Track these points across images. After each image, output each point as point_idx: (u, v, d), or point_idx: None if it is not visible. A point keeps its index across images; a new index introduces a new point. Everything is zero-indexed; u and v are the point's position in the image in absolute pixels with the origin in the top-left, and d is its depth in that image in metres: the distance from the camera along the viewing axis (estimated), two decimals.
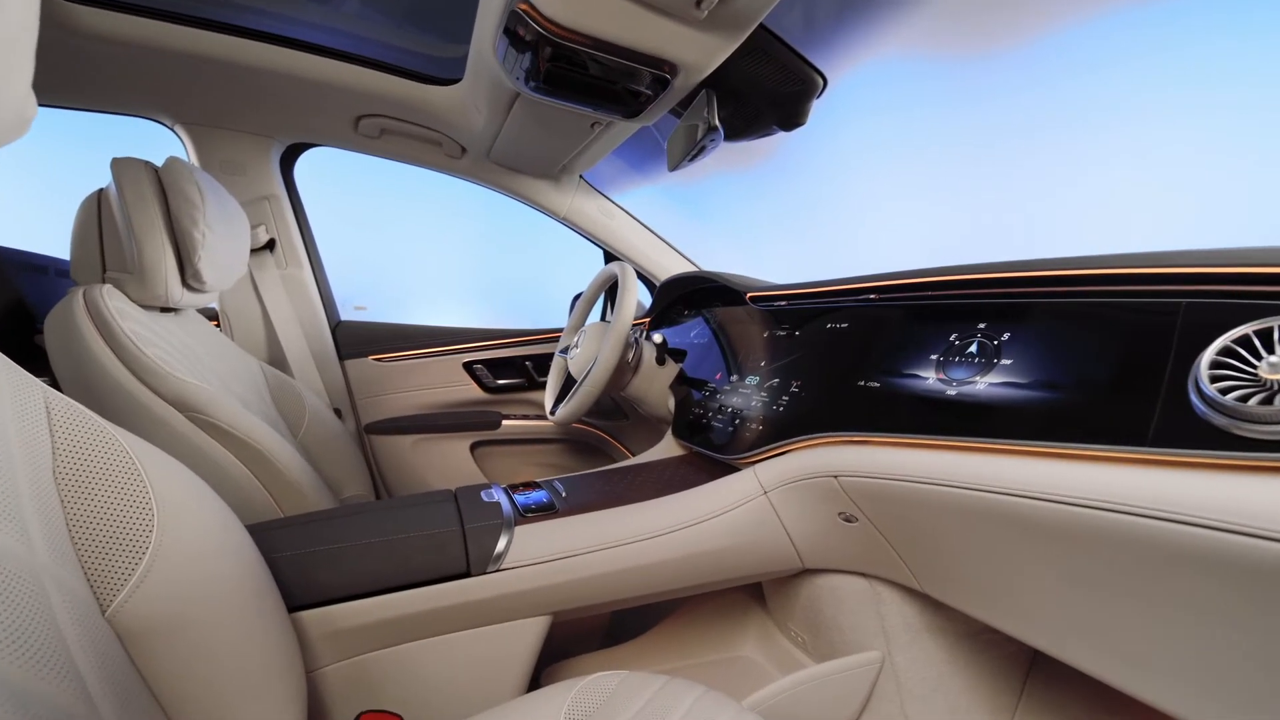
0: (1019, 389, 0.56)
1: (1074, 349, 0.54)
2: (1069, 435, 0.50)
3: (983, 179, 1.31)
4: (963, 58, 1.21)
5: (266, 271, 1.41)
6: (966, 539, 0.61)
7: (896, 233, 1.52)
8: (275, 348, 1.43)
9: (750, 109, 0.87)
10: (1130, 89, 0.99)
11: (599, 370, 1.11)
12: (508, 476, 1.68)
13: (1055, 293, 0.59)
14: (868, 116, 1.46)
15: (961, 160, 1.34)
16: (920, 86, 1.31)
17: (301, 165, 1.51)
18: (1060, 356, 0.55)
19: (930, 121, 1.36)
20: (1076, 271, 0.57)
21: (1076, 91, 1.07)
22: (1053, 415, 0.52)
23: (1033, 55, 1.11)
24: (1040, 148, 1.17)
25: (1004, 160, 1.26)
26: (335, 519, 0.74)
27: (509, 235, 2.29)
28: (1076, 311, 0.56)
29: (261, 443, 0.90)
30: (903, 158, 1.48)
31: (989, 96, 1.21)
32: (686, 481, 0.92)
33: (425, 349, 1.60)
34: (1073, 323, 0.55)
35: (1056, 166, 1.16)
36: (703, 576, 0.83)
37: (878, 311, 0.80)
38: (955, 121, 1.31)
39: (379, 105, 1.26)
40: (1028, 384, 0.56)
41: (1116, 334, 0.51)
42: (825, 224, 1.77)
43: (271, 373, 1.24)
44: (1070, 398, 0.52)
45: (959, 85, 1.25)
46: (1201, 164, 0.94)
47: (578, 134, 1.15)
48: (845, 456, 0.73)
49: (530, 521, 0.79)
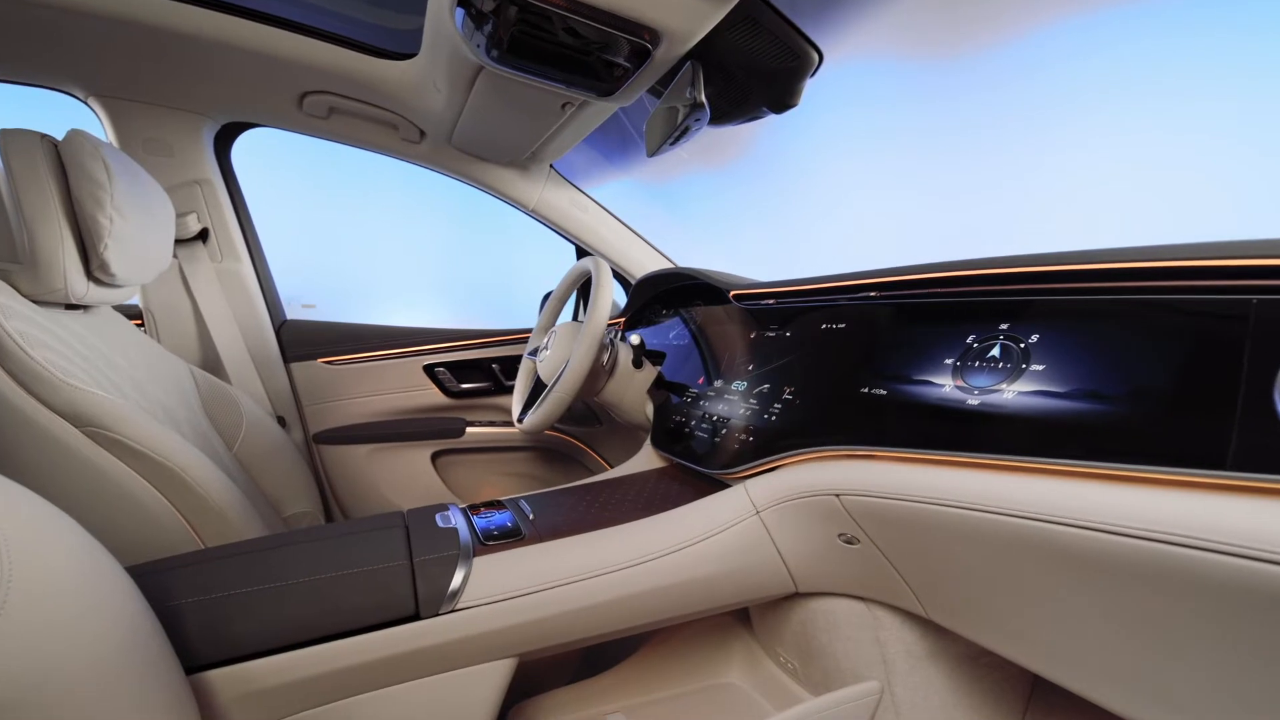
0: (1056, 399, 0.49)
1: (1122, 353, 0.47)
2: (1125, 455, 0.43)
3: (963, 175, 1.27)
4: (941, 54, 1.17)
5: (198, 265, 1.27)
6: (993, 569, 0.55)
7: (876, 231, 1.47)
8: (209, 350, 1.29)
9: (738, 88, 0.79)
10: (1114, 83, 0.96)
11: (571, 374, 1.03)
12: (473, 488, 1.57)
13: (1093, 289, 0.52)
14: (847, 108, 1.40)
15: (941, 155, 1.30)
16: (899, 81, 1.27)
17: (241, 148, 1.37)
18: (1105, 362, 0.48)
19: (909, 116, 1.32)
20: (1118, 265, 0.50)
21: (1053, 87, 1.03)
22: (1102, 431, 0.45)
23: (1020, 49, 1.07)
24: (1021, 143, 1.14)
25: (985, 156, 1.22)
26: (254, 554, 0.63)
27: (476, 229, 2.16)
28: (1121, 311, 0.49)
29: (177, 462, 0.77)
30: (883, 154, 1.43)
31: (965, 92, 1.17)
32: (669, 499, 0.83)
33: (381, 350, 1.47)
34: (1118, 323, 0.48)
35: (1037, 162, 1.12)
36: (689, 606, 0.75)
37: (879, 310, 0.73)
38: (934, 117, 1.27)
39: (325, 81, 1.14)
40: (1066, 393, 0.49)
41: (1175, 336, 0.44)
42: (802, 222, 1.72)
43: (203, 378, 1.11)
44: (1122, 411, 0.45)
45: (937, 80, 1.21)
46: (1174, 158, 0.92)
47: (547, 115, 1.05)
48: (848, 472, 0.65)
49: (492, 550, 0.69)
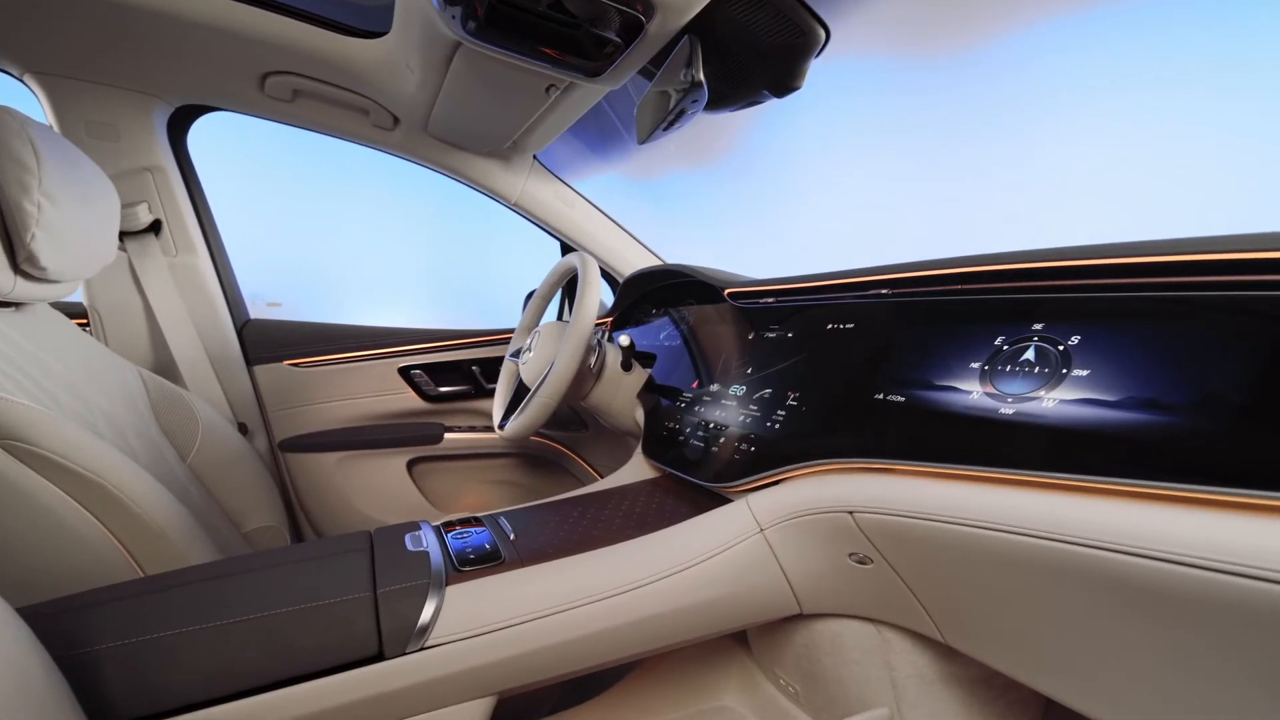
0: (1106, 409, 0.44)
1: (1186, 358, 0.41)
2: (1192, 474, 0.38)
3: (955, 172, 1.23)
4: (934, 48, 1.13)
5: (150, 259, 1.17)
6: (1032, 598, 0.49)
7: (874, 230, 1.42)
8: (162, 351, 1.19)
9: (738, 68, 0.73)
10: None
11: (555, 377, 0.96)
12: (451, 497, 1.49)
13: (1142, 285, 0.46)
14: (844, 101, 1.35)
15: (937, 151, 1.25)
16: (891, 75, 1.22)
17: (201, 133, 1.27)
18: (1165, 368, 0.42)
19: (903, 110, 1.28)
20: (1170, 259, 0.44)
21: (1049, 82, 1.00)
22: (1164, 446, 0.40)
23: (1016, 44, 1.03)
24: (1018, 138, 1.10)
25: (980, 151, 1.18)
26: (190, 587, 0.55)
27: (458, 224, 2.07)
28: (1180, 310, 0.43)
29: (111, 478, 0.68)
30: (880, 148, 1.38)
31: (959, 87, 1.13)
32: (663, 514, 0.76)
33: (353, 352, 1.38)
34: (1176, 324, 0.43)
35: (1031, 156, 1.08)
36: (684, 634, 0.68)
37: (892, 309, 0.68)
38: (924, 112, 1.22)
39: (289, 60, 1.05)
40: (1117, 402, 0.43)
41: (1252, 338, 0.39)
42: (797, 220, 1.67)
43: (155, 382, 1.02)
44: (1188, 423, 0.39)
45: (928, 77, 1.16)
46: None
47: (530, 100, 0.98)
48: (863, 488, 0.60)
49: (467, 577, 0.61)
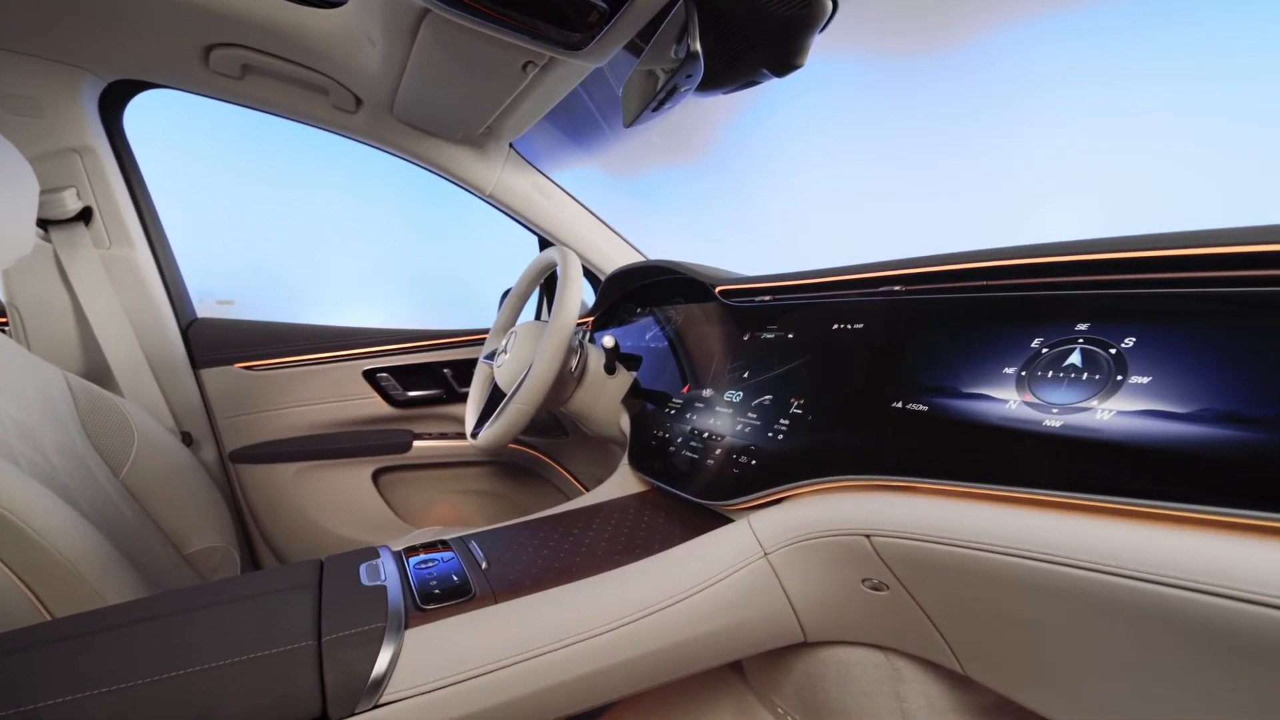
0: (1175, 422, 0.38)
1: (1275, 365, 0.35)
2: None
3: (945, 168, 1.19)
4: (926, 43, 1.09)
5: (79, 251, 1.05)
6: (1078, 636, 0.43)
7: (873, 227, 1.37)
8: (94, 354, 1.08)
9: (735, 42, 0.66)
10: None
11: (534, 381, 0.88)
12: (422, 510, 1.39)
13: (1215, 279, 0.40)
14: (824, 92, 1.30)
15: (922, 148, 1.21)
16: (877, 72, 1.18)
17: (142, 112, 1.15)
18: (1248, 376, 0.36)
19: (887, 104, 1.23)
20: (1250, 248, 0.39)
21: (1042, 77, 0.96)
22: (1253, 468, 0.34)
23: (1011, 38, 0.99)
24: (1010, 138, 1.06)
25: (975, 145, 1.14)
26: (90, 638, 0.45)
27: (431, 218, 1.96)
28: (1265, 307, 0.37)
29: (10, 505, 0.58)
30: (872, 145, 1.34)
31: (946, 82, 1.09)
32: (654, 535, 0.69)
33: (313, 354, 1.28)
34: (1262, 324, 0.37)
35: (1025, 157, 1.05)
36: (678, 669, 0.61)
37: (906, 308, 0.62)
38: (915, 105, 1.18)
39: (236, 31, 0.95)
40: (1192, 415, 0.37)
41: None
42: (782, 219, 1.62)
43: (83, 389, 0.91)
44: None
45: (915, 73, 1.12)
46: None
47: (506, 78, 0.89)
48: (882, 508, 0.53)
49: (431, 617, 0.53)
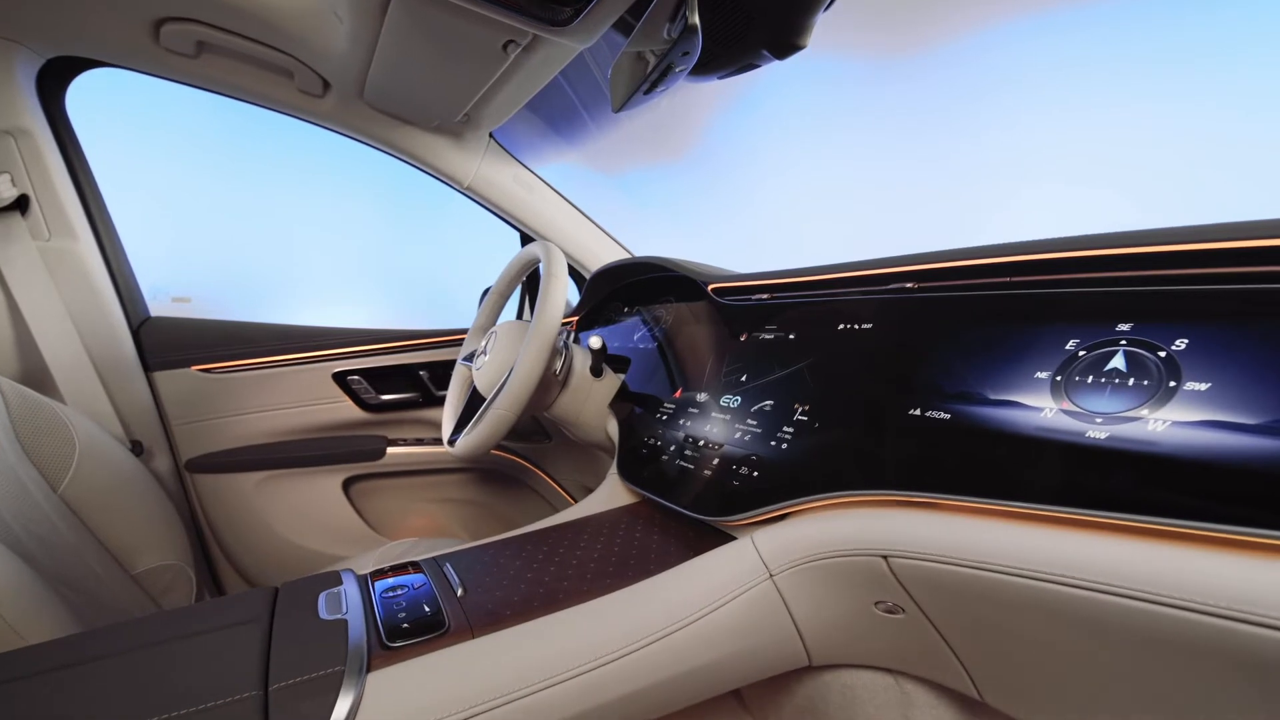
0: (1242, 435, 0.33)
1: None
2: None
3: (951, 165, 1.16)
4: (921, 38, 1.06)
5: (14, 243, 0.96)
6: (1122, 668, 0.39)
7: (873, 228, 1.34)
8: (31, 355, 0.99)
9: (733, 20, 0.62)
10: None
11: (516, 385, 0.82)
12: (396, 520, 1.32)
13: (1269, 275, 0.36)
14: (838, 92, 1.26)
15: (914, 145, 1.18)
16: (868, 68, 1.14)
17: (89, 93, 1.06)
18: None
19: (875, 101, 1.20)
20: None
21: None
22: None
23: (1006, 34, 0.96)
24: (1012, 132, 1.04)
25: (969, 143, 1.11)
26: None
27: (410, 212, 1.86)
28: None
29: None
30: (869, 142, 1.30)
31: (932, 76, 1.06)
32: (647, 554, 0.63)
33: (278, 355, 1.20)
34: None
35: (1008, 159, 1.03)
36: (674, 704, 0.56)
37: (920, 307, 0.57)
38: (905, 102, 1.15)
39: (189, 3, 0.87)
40: (1259, 428, 0.33)
41: None
42: (769, 216, 1.57)
43: (17, 393, 0.82)
44: None
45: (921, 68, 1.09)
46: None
47: (485, 60, 0.83)
48: (900, 526, 0.48)
49: (398, 656, 0.47)
